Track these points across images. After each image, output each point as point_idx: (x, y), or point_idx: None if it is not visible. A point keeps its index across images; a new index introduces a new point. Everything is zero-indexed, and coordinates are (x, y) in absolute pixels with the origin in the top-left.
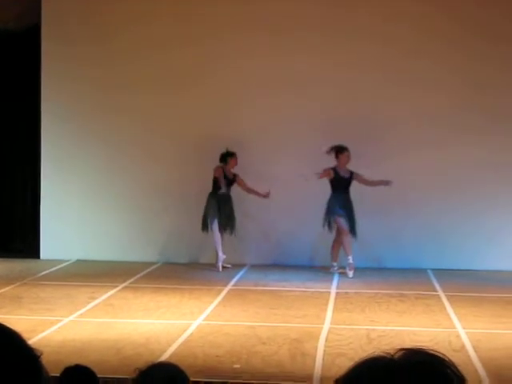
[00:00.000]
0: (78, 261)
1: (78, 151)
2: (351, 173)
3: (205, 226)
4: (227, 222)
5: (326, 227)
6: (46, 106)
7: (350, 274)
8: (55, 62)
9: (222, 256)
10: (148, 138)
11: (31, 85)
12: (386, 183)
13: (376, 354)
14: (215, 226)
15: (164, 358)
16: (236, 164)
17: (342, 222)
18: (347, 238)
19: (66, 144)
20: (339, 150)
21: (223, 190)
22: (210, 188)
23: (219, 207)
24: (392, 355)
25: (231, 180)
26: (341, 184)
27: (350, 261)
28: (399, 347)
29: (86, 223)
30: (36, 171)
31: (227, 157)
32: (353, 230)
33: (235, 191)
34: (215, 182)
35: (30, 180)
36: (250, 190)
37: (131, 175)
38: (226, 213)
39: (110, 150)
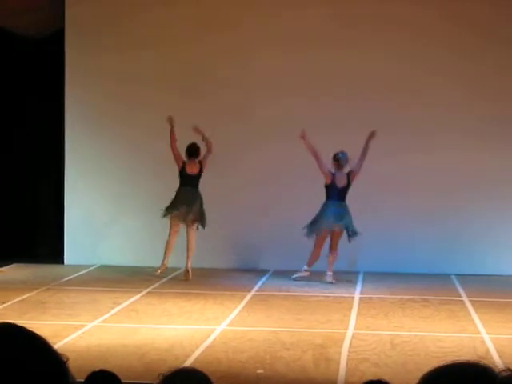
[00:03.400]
0: (102, 266)
1: (101, 158)
2: (347, 175)
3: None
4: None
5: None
6: (70, 112)
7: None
8: (79, 68)
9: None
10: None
11: (55, 91)
12: (372, 134)
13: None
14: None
15: (188, 363)
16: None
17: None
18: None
19: (90, 150)
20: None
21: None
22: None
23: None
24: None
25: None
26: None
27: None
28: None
29: (109, 228)
30: (60, 177)
31: None
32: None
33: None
34: None
35: (54, 185)
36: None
37: (154, 182)
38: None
39: (133, 156)
